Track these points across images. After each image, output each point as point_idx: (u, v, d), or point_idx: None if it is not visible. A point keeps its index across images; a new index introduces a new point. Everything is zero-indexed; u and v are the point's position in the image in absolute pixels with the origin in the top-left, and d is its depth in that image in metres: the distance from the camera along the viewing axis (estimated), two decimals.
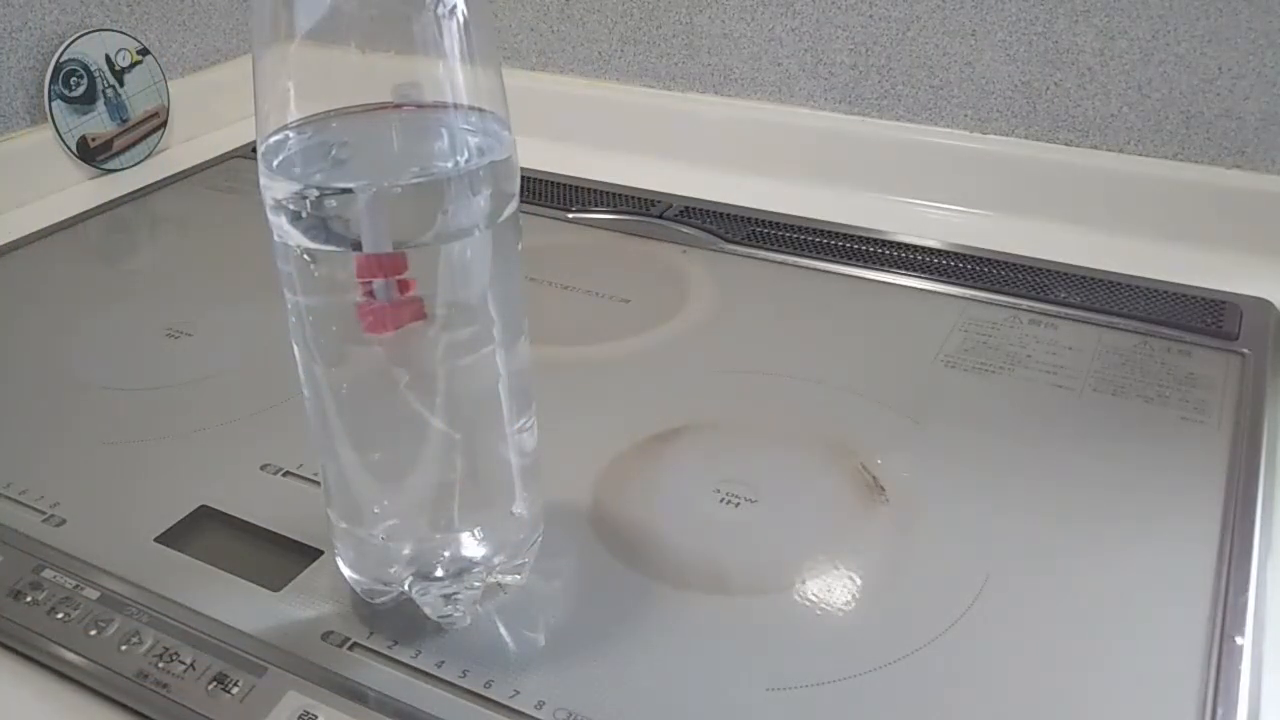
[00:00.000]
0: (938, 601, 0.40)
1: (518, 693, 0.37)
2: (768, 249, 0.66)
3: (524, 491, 0.39)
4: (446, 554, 0.38)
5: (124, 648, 0.39)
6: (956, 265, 0.64)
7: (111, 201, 0.76)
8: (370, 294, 0.34)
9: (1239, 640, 0.38)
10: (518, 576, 0.41)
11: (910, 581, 0.41)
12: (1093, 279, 0.62)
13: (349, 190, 0.33)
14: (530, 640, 0.39)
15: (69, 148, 0.77)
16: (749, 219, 0.70)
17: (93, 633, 0.39)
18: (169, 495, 0.46)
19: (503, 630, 0.39)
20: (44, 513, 0.46)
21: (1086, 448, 0.48)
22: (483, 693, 0.37)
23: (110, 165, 0.80)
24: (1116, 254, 0.64)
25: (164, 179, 0.79)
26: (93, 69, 0.77)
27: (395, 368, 0.35)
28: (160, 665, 0.38)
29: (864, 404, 0.52)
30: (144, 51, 0.81)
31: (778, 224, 0.69)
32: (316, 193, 0.33)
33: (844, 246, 0.66)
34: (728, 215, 0.71)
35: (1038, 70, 0.68)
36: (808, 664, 0.38)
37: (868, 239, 0.67)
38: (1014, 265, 0.63)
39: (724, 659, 0.38)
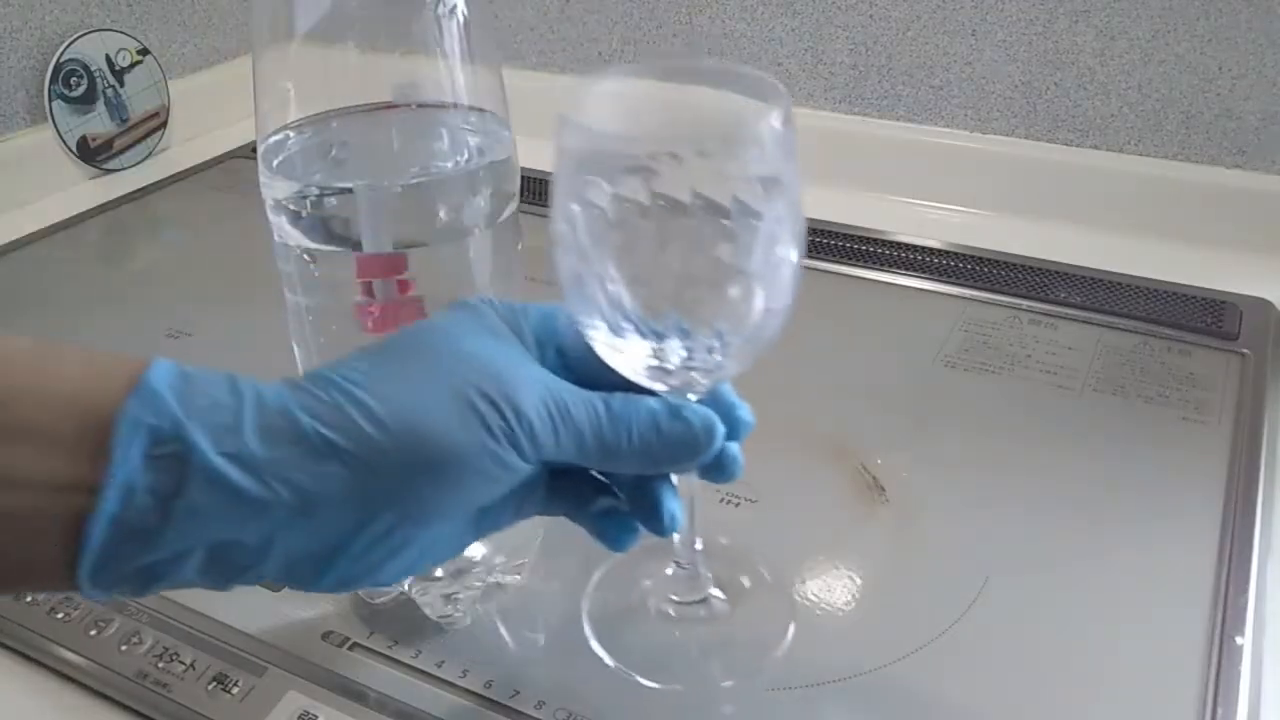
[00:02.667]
0: (938, 601, 0.40)
1: (518, 693, 0.37)
2: None
3: None
4: None
5: (124, 648, 0.39)
6: (956, 265, 0.64)
7: (111, 201, 0.76)
8: (370, 294, 0.34)
9: (1239, 640, 0.38)
10: (518, 576, 0.41)
11: (910, 581, 0.41)
12: (1093, 279, 0.62)
13: (349, 190, 0.33)
14: (530, 640, 0.39)
15: (69, 148, 0.77)
16: None
17: (93, 633, 0.39)
18: None
19: (503, 630, 0.39)
20: None
21: (1086, 448, 0.48)
22: (483, 693, 0.37)
23: (110, 165, 0.80)
24: (1116, 254, 0.64)
25: (164, 179, 0.79)
26: (93, 69, 0.77)
27: None
28: (160, 665, 0.38)
29: (864, 404, 0.52)
30: (144, 51, 0.81)
31: None
32: (316, 192, 0.33)
33: (844, 246, 0.66)
34: None
35: (1038, 70, 0.68)
36: (808, 664, 0.38)
37: (868, 239, 0.67)
38: (1014, 265, 0.63)
39: (724, 658, 0.38)
